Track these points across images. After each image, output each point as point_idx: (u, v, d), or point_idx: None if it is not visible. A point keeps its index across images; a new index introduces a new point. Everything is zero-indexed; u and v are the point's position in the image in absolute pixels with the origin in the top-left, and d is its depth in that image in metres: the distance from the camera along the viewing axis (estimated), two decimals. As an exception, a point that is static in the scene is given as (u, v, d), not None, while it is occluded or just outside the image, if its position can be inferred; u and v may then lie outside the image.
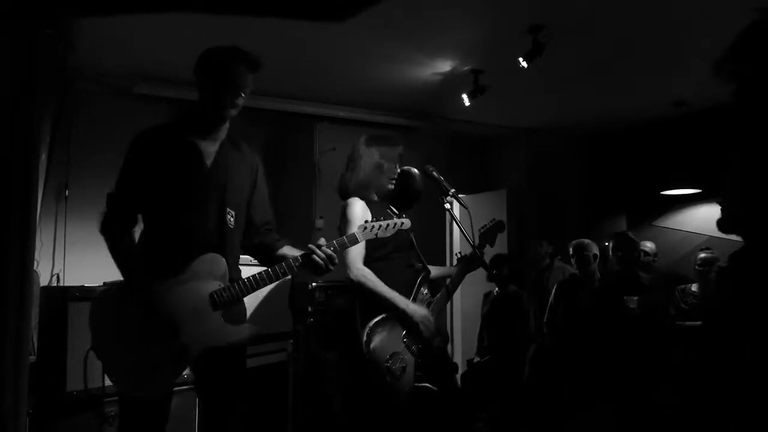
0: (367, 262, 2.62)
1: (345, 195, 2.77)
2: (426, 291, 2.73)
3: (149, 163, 2.06)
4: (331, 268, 2.10)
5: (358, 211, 2.67)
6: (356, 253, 2.60)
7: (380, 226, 2.22)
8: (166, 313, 1.93)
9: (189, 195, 2.06)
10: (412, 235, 2.83)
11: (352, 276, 2.58)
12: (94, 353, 1.98)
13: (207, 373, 2.07)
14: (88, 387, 2.74)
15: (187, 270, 1.99)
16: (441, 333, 2.76)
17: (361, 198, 2.71)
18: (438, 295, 2.78)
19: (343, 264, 2.62)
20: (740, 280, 1.34)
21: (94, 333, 1.97)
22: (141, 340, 1.92)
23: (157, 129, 2.15)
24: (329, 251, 2.10)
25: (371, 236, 2.22)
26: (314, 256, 2.08)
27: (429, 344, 2.62)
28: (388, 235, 2.28)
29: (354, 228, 2.55)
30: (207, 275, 2.01)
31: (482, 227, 3.00)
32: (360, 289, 2.58)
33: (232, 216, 2.11)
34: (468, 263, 2.90)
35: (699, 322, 4.32)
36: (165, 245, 2.04)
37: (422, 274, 2.75)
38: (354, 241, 2.20)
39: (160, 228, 2.07)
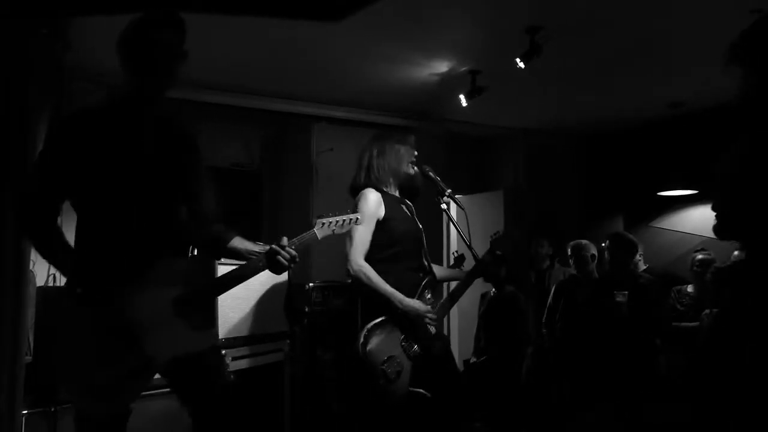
0: (374, 262, 2.60)
1: (359, 188, 2.73)
2: (429, 295, 2.71)
3: (75, 146, 1.83)
4: (293, 266, 1.99)
5: (372, 202, 2.64)
6: (358, 249, 2.58)
7: (336, 222, 2.12)
8: (128, 325, 1.78)
9: (129, 188, 1.86)
10: (423, 238, 2.82)
11: (351, 270, 2.57)
12: (56, 367, 1.86)
13: (183, 383, 1.94)
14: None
15: (145, 276, 1.84)
16: (441, 338, 2.74)
17: (377, 189, 2.70)
18: (441, 301, 2.76)
19: (346, 257, 2.61)
20: (741, 288, 1.34)
21: (54, 350, 1.86)
22: (102, 354, 1.76)
23: (83, 111, 1.93)
24: (292, 251, 1.97)
25: (329, 232, 2.12)
26: (278, 257, 1.95)
27: (427, 339, 2.60)
28: (344, 231, 2.17)
29: (357, 230, 2.53)
30: (167, 280, 1.88)
31: (495, 233, 2.96)
32: (359, 284, 2.57)
33: (182, 211, 1.98)
34: (475, 271, 2.87)
35: (695, 323, 4.34)
36: (111, 245, 1.85)
37: (427, 278, 2.74)
38: (313, 237, 2.08)
39: (100, 225, 1.87)
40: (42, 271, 4.36)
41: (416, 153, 2.81)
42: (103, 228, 1.88)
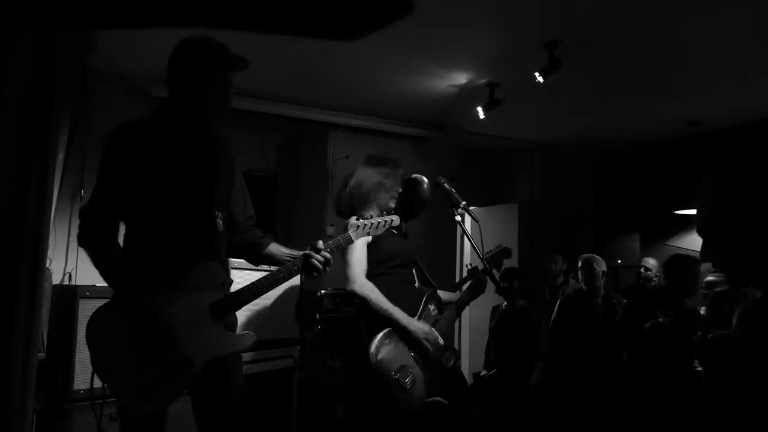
0: (368, 277, 2.62)
1: (343, 213, 2.78)
2: (434, 308, 2.71)
3: (128, 161, 1.93)
4: (327, 269, 2.06)
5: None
6: (359, 268, 2.61)
7: (372, 224, 2.21)
8: (168, 328, 1.86)
9: (172, 198, 1.96)
10: (416, 257, 2.84)
11: (356, 290, 2.58)
12: (96, 374, 1.88)
13: (209, 384, 1.99)
14: (95, 386, 2.74)
15: (183, 281, 1.92)
16: (450, 349, 2.73)
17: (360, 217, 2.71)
18: (446, 312, 2.76)
19: (346, 277, 2.63)
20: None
21: (93, 352, 1.88)
22: (143, 357, 1.85)
23: (134, 125, 2.00)
24: (327, 254, 2.05)
25: (364, 234, 2.21)
26: (313, 260, 2.03)
27: (434, 360, 2.60)
28: (380, 232, 2.26)
29: (354, 249, 2.58)
30: (205, 285, 1.95)
31: (488, 252, 3.00)
32: (363, 303, 2.59)
33: (220, 219, 2.04)
34: (477, 286, 2.88)
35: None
36: (155, 254, 1.94)
37: (428, 292, 2.74)
38: (348, 240, 2.17)
39: (147, 235, 1.96)
40: (58, 270, 4.42)
41: (400, 189, 2.81)
42: (150, 236, 1.96)
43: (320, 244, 2.06)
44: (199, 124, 2.05)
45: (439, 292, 2.88)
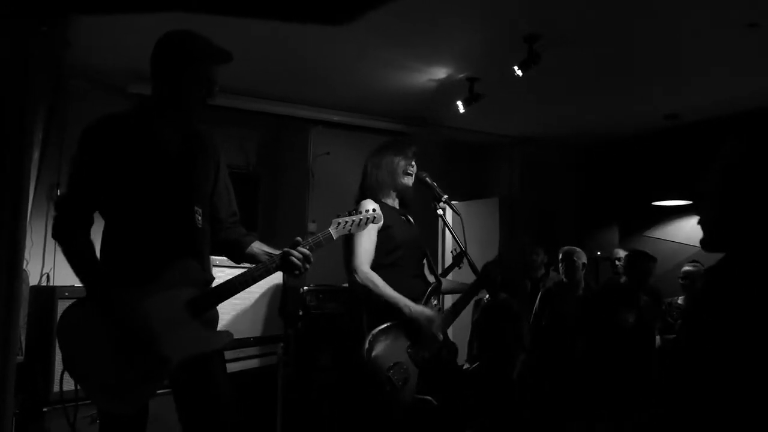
0: (375, 268, 2.58)
1: (358, 201, 2.74)
2: (436, 302, 2.71)
3: (107, 154, 1.88)
4: (307, 267, 2.01)
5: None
6: (363, 257, 2.56)
7: (353, 221, 2.14)
8: (142, 325, 1.81)
9: (152, 193, 1.91)
10: (425, 248, 2.82)
11: (358, 279, 2.54)
12: (68, 373, 1.83)
13: (191, 383, 1.95)
14: (66, 389, 2.70)
15: (159, 277, 1.88)
16: (447, 345, 2.72)
17: (375, 200, 2.70)
18: (445, 311, 2.75)
19: (347, 268, 2.60)
20: (717, 295, 1.33)
21: (64, 351, 1.83)
22: (118, 355, 1.80)
23: (113, 118, 1.95)
24: (305, 251, 2.00)
25: (344, 232, 2.13)
26: (292, 258, 1.98)
27: (434, 346, 2.59)
28: (362, 230, 2.20)
29: (361, 238, 2.54)
30: (182, 282, 1.91)
31: (453, 250, 3.01)
32: (367, 293, 2.54)
33: (199, 214, 1.99)
34: (479, 283, 2.88)
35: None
36: (131, 249, 1.90)
37: (432, 285, 2.73)
38: (329, 239, 2.10)
39: (123, 230, 1.92)
40: (35, 271, 4.35)
41: (414, 164, 2.81)
42: (128, 232, 1.92)
43: (300, 241, 2.02)
44: (182, 119, 2.01)
45: (445, 281, 2.87)
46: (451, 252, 3.15)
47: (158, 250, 1.90)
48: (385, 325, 2.53)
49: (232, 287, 1.97)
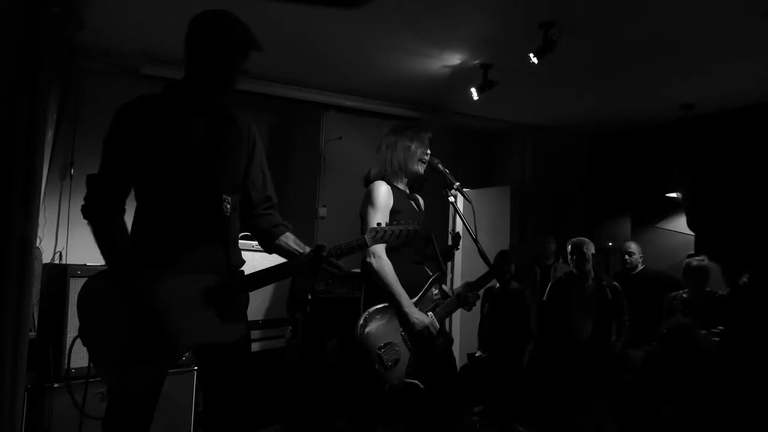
0: None
1: (370, 181, 2.75)
2: (437, 292, 2.70)
3: (140, 136, 1.88)
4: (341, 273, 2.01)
5: (383, 194, 2.65)
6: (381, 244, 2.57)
7: (392, 232, 2.08)
8: (154, 306, 1.80)
9: (180, 178, 1.90)
10: (432, 236, 2.81)
11: (373, 263, 2.55)
12: (81, 340, 1.85)
13: (210, 370, 2.00)
14: (88, 365, 2.74)
15: (181, 261, 1.87)
16: (444, 335, 2.73)
17: (387, 182, 2.70)
18: (448, 299, 2.75)
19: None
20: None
21: (81, 319, 1.85)
22: (127, 332, 1.80)
23: (146, 99, 1.96)
24: (338, 263, 1.98)
25: (380, 241, 2.09)
26: (324, 265, 1.97)
27: (429, 348, 2.60)
28: (399, 243, 2.14)
29: (378, 211, 2.56)
30: (202, 268, 1.89)
31: (452, 231, 2.97)
32: (375, 276, 2.56)
33: (228, 203, 1.97)
34: (492, 272, 2.86)
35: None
36: (157, 233, 1.90)
37: (435, 275, 2.73)
38: (363, 245, 2.07)
39: (151, 213, 1.93)
40: (48, 249, 4.40)
41: (429, 151, 2.80)
42: (155, 216, 1.92)
43: (324, 246, 1.97)
44: (214, 103, 2.01)
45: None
46: (450, 232, 3.12)
47: (183, 236, 1.90)
48: (382, 305, 2.55)
49: (253, 282, 1.98)
